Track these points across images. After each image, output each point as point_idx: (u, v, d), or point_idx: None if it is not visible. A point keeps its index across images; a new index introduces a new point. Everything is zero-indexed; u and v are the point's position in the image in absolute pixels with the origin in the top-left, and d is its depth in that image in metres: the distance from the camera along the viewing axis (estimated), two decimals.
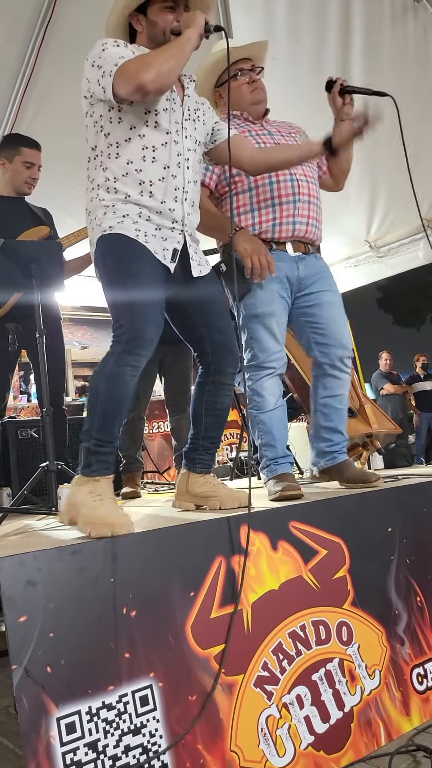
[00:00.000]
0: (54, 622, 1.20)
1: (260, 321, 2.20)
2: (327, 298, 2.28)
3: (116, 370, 1.67)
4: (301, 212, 2.22)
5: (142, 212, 1.78)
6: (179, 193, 1.81)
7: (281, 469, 2.19)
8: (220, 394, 1.95)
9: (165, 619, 1.34)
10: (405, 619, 1.75)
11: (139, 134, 1.77)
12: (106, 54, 1.72)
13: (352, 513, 1.79)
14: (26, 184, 2.84)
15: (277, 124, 2.37)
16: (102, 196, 1.79)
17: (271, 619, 1.49)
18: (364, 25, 3.89)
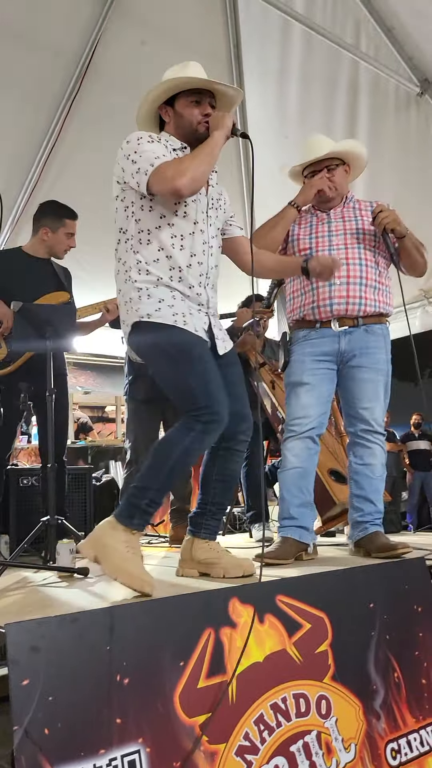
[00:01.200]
0: (53, 686, 1.30)
1: (293, 388, 2.46)
2: (362, 375, 2.45)
3: (194, 447, 1.82)
4: (339, 294, 2.41)
5: (175, 294, 1.91)
6: (203, 279, 1.97)
7: (282, 532, 2.37)
8: (231, 461, 2.03)
9: (155, 687, 1.43)
10: (382, 695, 1.83)
11: (169, 223, 1.92)
12: (143, 150, 1.87)
13: (336, 588, 1.88)
14: (64, 251, 3.03)
15: (351, 208, 2.55)
16: (134, 277, 1.91)
17: (255, 691, 1.58)
18: (370, 113, 4.17)
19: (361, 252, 2.47)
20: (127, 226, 1.94)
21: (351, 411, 2.50)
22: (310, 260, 2.19)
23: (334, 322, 2.43)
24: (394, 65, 3.97)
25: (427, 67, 4.00)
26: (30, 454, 5.45)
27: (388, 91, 4.11)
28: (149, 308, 1.88)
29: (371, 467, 2.46)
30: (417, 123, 4.15)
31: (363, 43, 4.00)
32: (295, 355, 2.48)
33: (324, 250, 2.45)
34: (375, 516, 2.43)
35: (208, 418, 1.81)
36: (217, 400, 1.83)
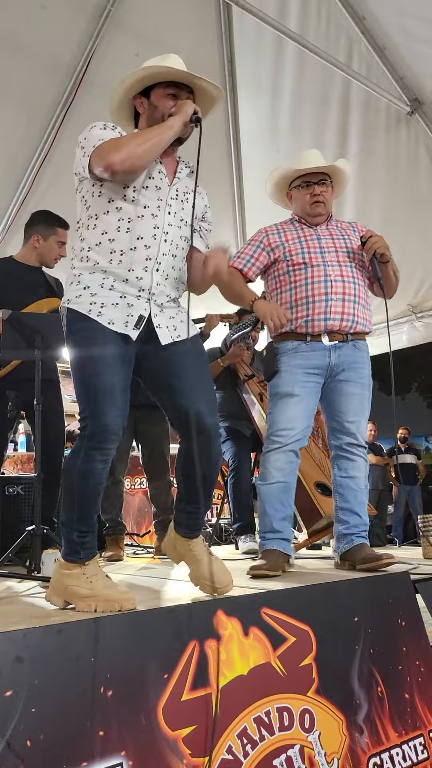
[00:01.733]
0: (37, 698, 1.29)
1: (280, 399, 2.45)
2: (350, 389, 2.49)
3: (86, 467, 1.71)
4: (334, 309, 2.43)
5: (106, 282, 1.80)
6: (150, 263, 1.83)
7: (267, 545, 2.38)
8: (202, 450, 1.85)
9: (139, 700, 1.42)
10: (365, 709, 1.83)
11: (117, 207, 1.83)
12: (90, 135, 1.81)
13: (321, 602, 1.89)
14: (55, 260, 3.04)
15: (336, 226, 2.60)
16: (75, 264, 1.86)
17: (239, 704, 1.58)
18: (361, 130, 4.23)
19: (353, 270, 2.51)
20: (81, 215, 1.90)
21: (336, 425, 2.51)
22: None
23: (324, 336, 2.45)
24: (386, 84, 4.03)
25: (417, 86, 4.07)
26: (16, 462, 5.42)
27: (379, 110, 4.17)
28: (72, 294, 1.82)
29: (356, 480, 2.48)
30: (407, 141, 4.22)
31: (355, 62, 4.07)
32: (284, 366, 2.46)
33: (319, 265, 2.46)
34: (361, 528, 2.45)
35: (90, 431, 1.70)
36: (100, 410, 1.70)
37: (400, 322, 5.25)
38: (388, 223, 4.54)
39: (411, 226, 4.44)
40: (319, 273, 2.45)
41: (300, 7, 4.07)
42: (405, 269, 4.78)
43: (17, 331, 2.62)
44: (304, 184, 2.57)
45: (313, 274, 2.45)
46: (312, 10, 4.05)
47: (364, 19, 3.93)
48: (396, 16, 3.81)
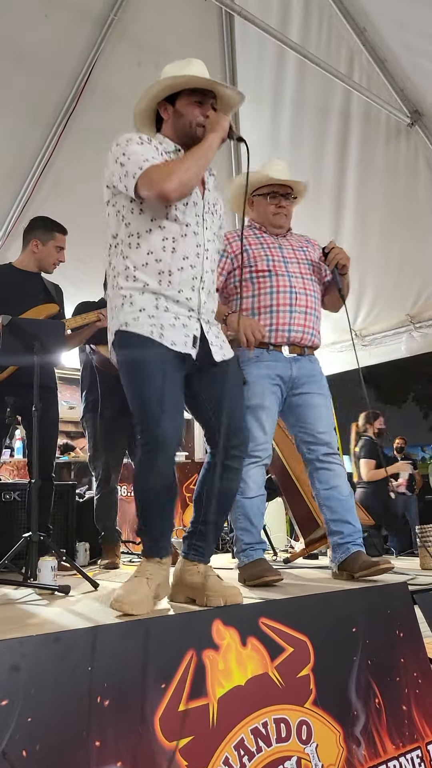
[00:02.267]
0: (33, 707, 1.28)
1: (251, 412, 2.35)
2: (315, 401, 2.47)
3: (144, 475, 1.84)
4: (297, 321, 2.43)
5: (159, 303, 1.84)
6: (197, 282, 1.89)
7: (257, 554, 2.36)
8: (225, 477, 1.93)
9: (136, 710, 1.41)
10: (363, 721, 1.82)
11: (160, 226, 1.85)
12: (131, 153, 1.81)
13: (319, 612, 1.88)
14: (54, 265, 3.04)
15: (295, 238, 2.60)
16: (121, 284, 1.86)
17: (236, 715, 1.56)
18: (361, 141, 4.25)
19: (314, 284, 2.54)
20: (117, 230, 1.90)
21: (309, 437, 2.47)
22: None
23: (285, 348, 2.45)
24: (386, 96, 4.06)
25: (417, 98, 4.09)
26: (13, 469, 5.41)
27: (379, 121, 4.20)
28: (129, 317, 1.84)
29: (339, 489, 2.45)
30: (406, 152, 4.24)
31: (356, 74, 4.09)
32: (251, 377, 2.40)
33: (283, 275, 2.45)
34: (355, 536, 2.42)
35: (146, 440, 1.80)
36: (157, 422, 1.79)
37: (398, 332, 5.26)
38: (386, 233, 4.57)
39: (410, 237, 4.46)
40: (284, 283, 2.44)
41: (302, 18, 4.11)
42: (404, 280, 4.82)
43: (16, 336, 2.61)
44: (271, 194, 2.55)
45: (278, 282, 2.43)
46: (314, 21, 4.08)
47: (365, 31, 3.96)
48: (397, 28, 3.84)
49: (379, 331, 5.39)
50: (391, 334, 5.33)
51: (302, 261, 2.53)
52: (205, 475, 1.97)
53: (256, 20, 3.56)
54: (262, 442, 2.40)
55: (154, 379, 1.81)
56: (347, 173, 4.42)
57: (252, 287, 2.46)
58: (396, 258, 4.67)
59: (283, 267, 2.47)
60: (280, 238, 2.57)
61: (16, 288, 2.92)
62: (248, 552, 2.37)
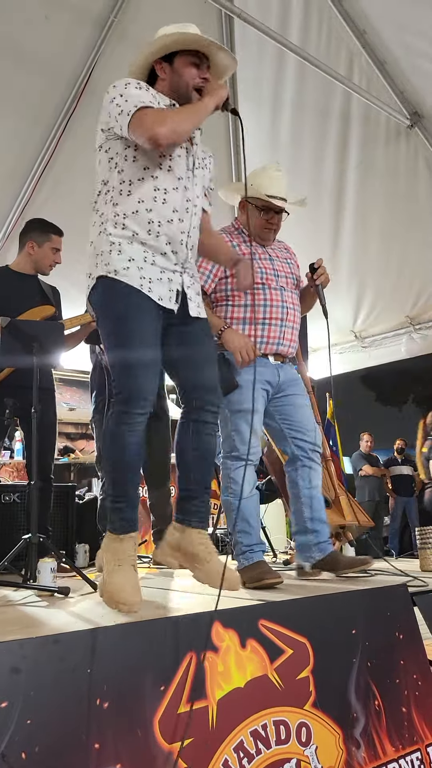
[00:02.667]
0: (32, 709, 1.28)
1: (244, 416, 2.40)
2: (300, 401, 2.57)
3: (115, 430, 1.79)
4: (286, 336, 2.52)
5: (147, 255, 1.83)
6: (184, 237, 1.89)
7: (256, 557, 2.37)
8: (201, 433, 1.93)
9: (135, 712, 1.41)
10: (362, 723, 1.82)
11: (153, 175, 1.84)
12: (129, 94, 1.80)
13: (319, 614, 1.88)
14: (50, 267, 3.04)
15: (278, 248, 2.65)
16: (110, 230, 1.83)
17: (235, 717, 1.56)
18: (361, 143, 4.26)
19: (296, 297, 2.61)
20: (108, 177, 1.88)
21: (297, 434, 2.53)
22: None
23: (270, 356, 2.52)
24: (386, 97, 4.06)
25: (417, 100, 4.10)
26: (13, 470, 5.41)
27: (379, 122, 4.20)
28: (118, 264, 1.81)
29: (318, 488, 2.55)
30: (406, 154, 4.25)
31: (356, 75, 4.10)
32: (242, 382, 2.42)
33: (275, 289, 2.50)
34: (328, 534, 2.55)
35: (123, 396, 1.78)
36: (133, 375, 1.78)
37: (398, 334, 5.27)
38: (386, 235, 4.58)
39: (410, 238, 4.47)
40: (277, 297, 2.49)
41: (301, 20, 4.11)
42: (403, 281, 4.83)
43: (15, 338, 2.61)
44: (265, 209, 2.55)
45: (271, 296, 2.48)
46: (313, 23, 4.09)
47: (365, 33, 3.97)
48: (396, 30, 3.85)
49: (379, 333, 5.41)
50: (391, 335, 5.34)
51: (288, 275, 2.60)
52: (182, 434, 1.95)
53: (256, 22, 3.56)
54: (254, 445, 2.45)
55: (141, 332, 1.81)
56: (347, 175, 4.42)
57: (245, 297, 2.48)
58: (396, 259, 4.67)
59: (274, 281, 2.52)
60: (268, 249, 2.61)
61: (12, 290, 2.94)
62: (248, 554, 2.37)
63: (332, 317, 5.40)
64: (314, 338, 5.34)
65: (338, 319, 5.43)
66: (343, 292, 5.03)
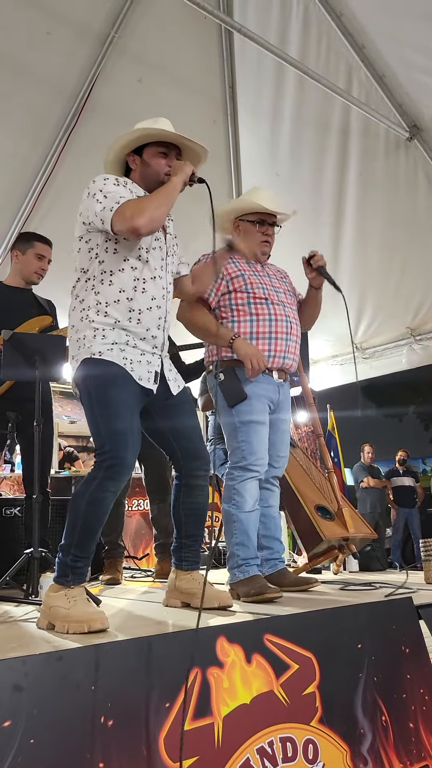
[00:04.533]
0: (36, 728, 1.26)
1: (254, 427, 2.43)
2: (284, 427, 2.63)
3: (98, 495, 1.82)
4: (291, 350, 2.53)
5: (129, 339, 1.95)
6: (162, 322, 2.03)
7: (252, 570, 2.36)
8: (194, 495, 2.11)
9: (140, 730, 1.39)
10: (370, 739, 1.79)
11: (132, 266, 1.97)
12: (108, 190, 1.92)
13: (324, 628, 1.86)
14: (36, 274, 3.05)
15: (271, 269, 2.67)
16: (92, 317, 1.94)
17: (241, 734, 1.54)
18: (360, 155, 4.28)
19: (296, 312, 2.63)
20: (89, 266, 1.99)
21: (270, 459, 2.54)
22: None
23: (275, 373, 2.52)
24: (385, 110, 4.09)
25: (416, 113, 4.12)
26: (14, 484, 5.38)
27: (378, 135, 4.22)
28: (103, 347, 1.92)
29: (274, 508, 2.65)
30: (405, 166, 4.27)
31: (355, 89, 4.13)
32: (251, 394, 2.45)
33: (279, 304, 2.51)
34: (281, 553, 2.64)
35: (110, 462, 1.83)
36: (122, 445, 1.84)
37: (399, 345, 5.27)
38: (387, 246, 4.59)
39: (410, 250, 4.48)
40: (281, 312, 2.51)
41: (301, 35, 4.15)
42: (404, 292, 4.83)
43: (17, 351, 2.61)
44: (259, 221, 2.58)
45: (275, 311, 2.49)
46: (312, 38, 4.12)
47: (364, 48, 4.00)
48: (395, 45, 3.88)
49: (380, 344, 5.41)
50: (391, 346, 5.35)
51: (287, 291, 2.62)
52: (177, 495, 2.12)
53: (256, 37, 3.60)
54: (261, 457, 2.45)
55: (125, 406, 1.89)
56: (347, 187, 4.44)
57: (249, 312, 2.49)
58: (396, 271, 4.68)
59: (276, 296, 2.53)
60: (266, 268, 2.64)
61: (6, 303, 2.95)
62: (244, 567, 2.37)
63: (333, 329, 5.43)
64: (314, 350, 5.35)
65: (339, 330, 5.43)
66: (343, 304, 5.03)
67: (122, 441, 1.85)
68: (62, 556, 1.83)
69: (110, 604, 2.40)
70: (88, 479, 1.85)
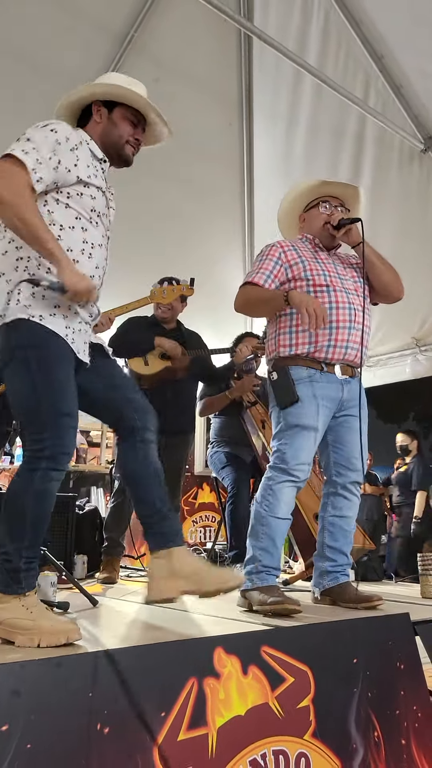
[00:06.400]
0: (32, 733, 1.26)
1: (300, 432, 2.29)
2: (356, 425, 2.40)
3: (44, 487, 1.64)
4: (354, 339, 2.35)
5: (72, 305, 1.73)
6: (99, 293, 1.83)
7: (271, 580, 2.25)
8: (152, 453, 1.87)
9: (135, 739, 1.39)
10: (361, 754, 1.79)
11: (83, 227, 1.78)
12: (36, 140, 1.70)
13: (321, 642, 1.86)
14: None
15: (344, 257, 2.56)
16: (32, 270, 1.70)
17: (235, 746, 1.54)
18: (374, 165, 4.27)
19: (366, 301, 2.46)
20: None
21: (343, 461, 2.42)
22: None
23: (338, 367, 2.36)
24: (401, 121, 4.08)
25: (431, 125, 4.12)
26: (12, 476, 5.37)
27: (393, 146, 4.22)
28: (44, 310, 1.69)
29: (348, 520, 2.43)
30: (419, 177, 4.26)
31: (372, 99, 4.12)
32: (303, 396, 2.30)
33: (341, 291, 2.36)
34: (346, 567, 2.42)
35: (51, 452, 1.64)
36: (66, 430, 1.66)
37: (404, 354, 5.27)
38: (397, 257, 4.52)
39: (420, 261, 4.47)
40: (344, 299, 2.35)
41: (320, 43, 4.14)
42: (412, 303, 4.80)
43: None
44: (324, 203, 2.49)
45: (337, 298, 2.34)
46: (332, 46, 4.12)
47: (383, 58, 3.99)
48: (414, 56, 3.88)
49: (385, 353, 5.40)
50: (396, 356, 5.34)
51: (357, 278, 2.47)
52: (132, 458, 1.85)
53: (275, 43, 3.59)
54: (304, 462, 2.30)
55: (70, 385, 1.71)
56: None
57: None
58: (405, 281, 4.66)
59: (339, 282, 2.39)
60: (333, 253, 2.52)
61: None
62: (263, 575, 2.23)
63: None
64: None
65: None
66: None
67: (66, 425, 1.66)
68: (11, 563, 1.61)
69: (106, 603, 2.41)
70: (27, 472, 1.64)
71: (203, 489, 6.16)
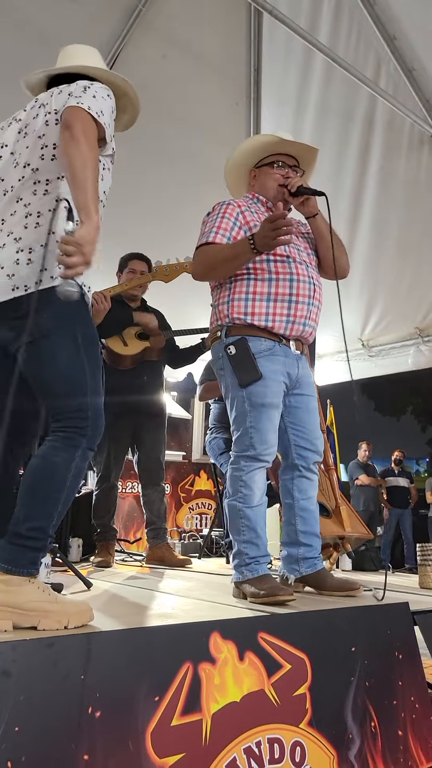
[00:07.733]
0: (21, 715, 1.22)
1: (266, 411, 2.17)
2: (312, 404, 2.36)
3: (82, 467, 1.59)
4: (312, 315, 2.27)
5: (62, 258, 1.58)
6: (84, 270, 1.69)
7: (262, 569, 2.16)
8: None
9: (127, 723, 1.35)
10: (357, 745, 1.76)
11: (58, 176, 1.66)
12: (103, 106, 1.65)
13: (319, 629, 1.83)
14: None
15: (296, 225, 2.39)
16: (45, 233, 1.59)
17: (230, 733, 1.51)
18: (383, 149, 4.20)
19: (319, 275, 2.37)
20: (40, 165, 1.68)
21: (305, 442, 2.31)
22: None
23: (293, 343, 2.25)
24: (411, 105, 4.00)
25: None
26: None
27: (403, 130, 4.14)
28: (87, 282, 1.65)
29: (312, 500, 2.35)
30: (428, 163, 4.19)
31: (383, 80, 4.03)
32: (266, 372, 2.16)
33: (301, 263, 2.25)
34: (319, 550, 2.36)
35: (93, 432, 1.57)
36: (101, 413, 1.60)
37: (406, 345, 5.22)
38: (402, 243, 4.52)
39: (425, 249, 4.42)
40: (303, 272, 2.23)
41: (331, 22, 4.05)
42: (415, 292, 4.77)
43: None
44: (278, 164, 2.33)
45: (298, 270, 2.22)
46: (343, 25, 4.02)
47: (395, 39, 3.90)
48: (427, 38, 3.79)
49: (387, 343, 5.35)
50: (398, 346, 5.29)
51: (309, 250, 2.35)
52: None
53: (286, 19, 3.50)
54: (272, 445, 2.19)
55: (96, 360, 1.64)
56: (367, 180, 4.36)
57: (267, 270, 2.21)
58: (410, 270, 4.61)
59: (297, 254, 2.26)
60: None
61: None
62: (252, 566, 2.14)
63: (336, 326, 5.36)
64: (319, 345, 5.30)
65: (346, 326, 5.36)
66: (353, 300, 4.97)
67: (101, 408, 1.61)
68: (40, 540, 1.53)
69: (100, 586, 2.37)
70: (69, 447, 1.54)
71: (200, 476, 6.14)
